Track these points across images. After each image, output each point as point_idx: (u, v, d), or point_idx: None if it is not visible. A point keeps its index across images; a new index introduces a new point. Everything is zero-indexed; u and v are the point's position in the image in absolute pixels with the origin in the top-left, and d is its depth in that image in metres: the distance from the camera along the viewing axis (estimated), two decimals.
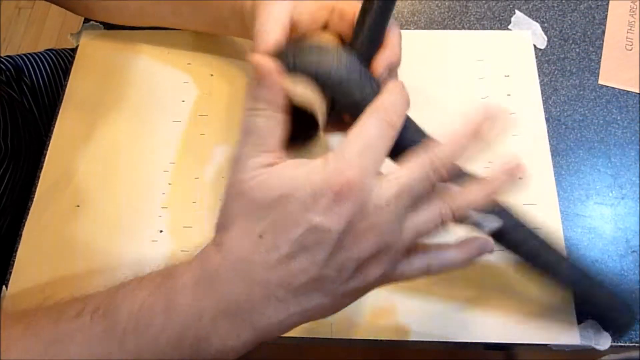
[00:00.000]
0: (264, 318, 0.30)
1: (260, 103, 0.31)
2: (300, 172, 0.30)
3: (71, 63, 0.54)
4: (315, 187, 0.29)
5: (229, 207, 0.31)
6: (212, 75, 0.53)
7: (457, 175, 0.34)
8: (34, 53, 0.69)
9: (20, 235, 0.46)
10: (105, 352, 0.30)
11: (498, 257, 0.44)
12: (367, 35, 0.35)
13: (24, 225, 0.47)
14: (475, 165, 0.48)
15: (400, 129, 0.31)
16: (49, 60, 0.69)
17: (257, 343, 0.31)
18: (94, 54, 0.55)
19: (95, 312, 0.31)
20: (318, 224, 0.29)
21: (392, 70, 0.37)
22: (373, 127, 0.30)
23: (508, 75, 0.53)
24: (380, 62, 0.36)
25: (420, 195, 0.31)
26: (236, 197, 0.31)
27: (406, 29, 0.56)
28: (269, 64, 0.31)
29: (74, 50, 0.55)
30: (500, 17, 0.56)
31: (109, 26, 0.56)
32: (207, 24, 0.50)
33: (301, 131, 0.35)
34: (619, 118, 0.51)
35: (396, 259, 0.32)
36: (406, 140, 0.33)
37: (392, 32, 0.37)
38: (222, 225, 0.32)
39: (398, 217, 0.30)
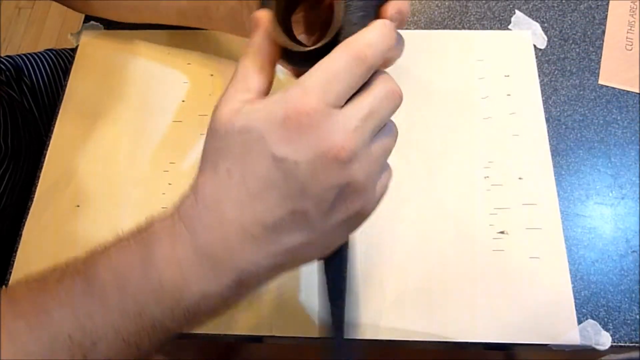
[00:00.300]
0: (244, 259, 0.29)
1: (250, 47, 0.31)
2: (262, 105, 0.29)
3: (71, 63, 0.54)
4: (275, 119, 0.28)
5: (204, 148, 0.31)
6: (212, 75, 0.53)
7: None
8: (34, 53, 0.69)
9: (20, 235, 0.46)
10: (88, 311, 0.29)
11: (498, 258, 0.44)
12: None
13: (24, 225, 0.47)
14: (476, 165, 0.48)
15: (376, 66, 0.30)
16: (49, 60, 0.69)
17: (244, 288, 0.31)
18: (94, 54, 0.55)
19: (76, 274, 0.30)
20: (280, 156, 0.28)
21: (402, 21, 0.35)
22: (340, 59, 0.29)
23: (508, 75, 0.53)
24: (391, 7, 0.34)
25: (385, 118, 0.30)
26: (209, 136, 0.30)
27: (406, 29, 0.56)
28: (264, 14, 0.31)
29: (74, 50, 0.55)
30: (500, 17, 0.56)
31: (109, 26, 0.56)
32: (201, 21, 0.50)
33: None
34: (619, 118, 0.51)
35: (374, 180, 0.31)
36: None
37: None
38: (199, 169, 0.31)
39: (368, 140, 0.29)
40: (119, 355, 0.30)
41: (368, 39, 0.29)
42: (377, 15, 0.32)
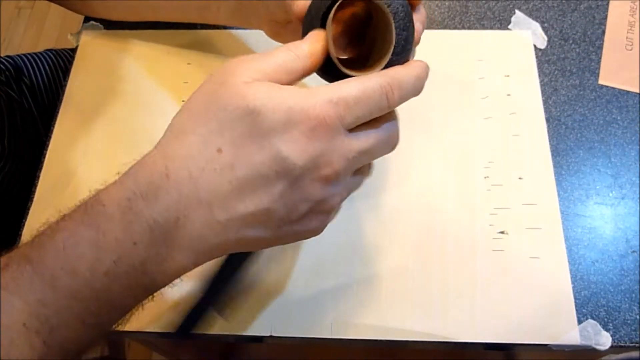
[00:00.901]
0: (202, 241, 0.29)
1: (292, 46, 0.30)
2: (282, 94, 0.27)
3: (71, 63, 0.54)
4: (291, 114, 0.27)
5: (193, 109, 0.29)
6: (212, 75, 0.53)
7: None
8: (34, 53, 0.69)
9: (20, 235, 0.46)
10: (39, 298, 0.28)
11: (498, 258, 0.44)
12: None
13: (24, 225, 0.46)
14: (476, 165, 0.48)
15: (397, 105, 0.30)
16: (49, 60, 0.69)
17: (197, 265, 0.30)
18: (93, 54, 0.55)
19: (22, 259, 0.29)
20: (283, 153, 0.27)
21: (421, 31, 0.36)
22: (373, 88, 0.29)
23: (508, 75, 0.53)
24: (416, 19, 0.35)
25: (377, 157, 0.31)
26: (206, 99, 0.29)
27: None
28: (322, 33, 0.31)
29: (73, 50, 0.55)
30: (500, 17, 0.56)
31: (109, 26, 0.56)
32: (201, 15, 0.50)
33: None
34: (619, 118, 0.51)
35: (338, 207, 0.32)
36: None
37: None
38: (176, 130, 0.29)
39: (352, 171, 0.31)
40: (80, 337, 0.29)
41: (405, 80, 0.30)
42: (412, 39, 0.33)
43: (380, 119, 0.30)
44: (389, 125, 0.31)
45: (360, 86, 0.29)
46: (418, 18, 0.35)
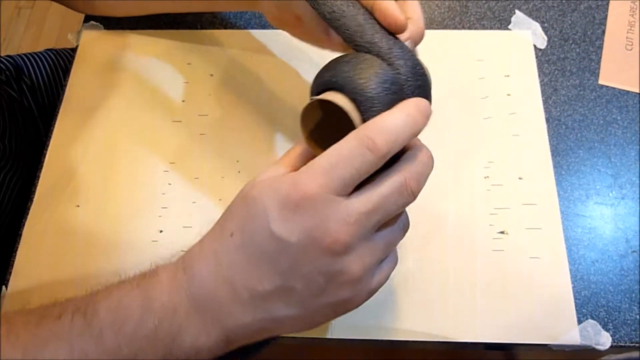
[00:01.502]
0: (232, 318, 0.30)
1: (286, 160, 0.33)
2: (276, 180, 0.30)
3: (71, 63, 0.54)
4: (279, 196, 0.29)
5: (230, 205, 0.33)
6: (212, 75, 0.53)
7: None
8: (34, 53, 0.69)
9: (20, 235, 0.46)
10: (83, 349, 0.30)
11: (498, 258, 0.44)
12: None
13: (24, 225, 0.47)
14: (476, 165, 0.48)
15: (390, 153, 0.29)
16: (49, 60, 0.69)
17: (229, 345, 0.32)
18: (94, 54, 0.55)
19: (76, 312, 0.31)
20: (276, 232, 0.29)
21: (416, 44, 0.36)
22: (347, 145, 0.29)
23: (508, 75, 0.53)
24: (405, 37, 0.34)
25: (392, 213, 0.30)
26: (234, 199, 0.32)
27: None
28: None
29: (73, 50, 0.55)
30: (500, 17, 0.56)
31: (109, 26, 0.56)
32: (205, 4, 0.50)
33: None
34: (619, 118, 0.51)
35: (371, 271, 0.31)
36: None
37: (413, 5, 0.36)
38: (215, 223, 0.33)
39: (368, 233, 0.29)
40: None
41: (381, 126, 0.29)
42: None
43: (380, 172, 0.29)
44: (397, 172, 0.30)
45: (335, 149, 0.29)
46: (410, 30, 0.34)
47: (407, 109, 0.30)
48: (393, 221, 0.31)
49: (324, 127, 0.33)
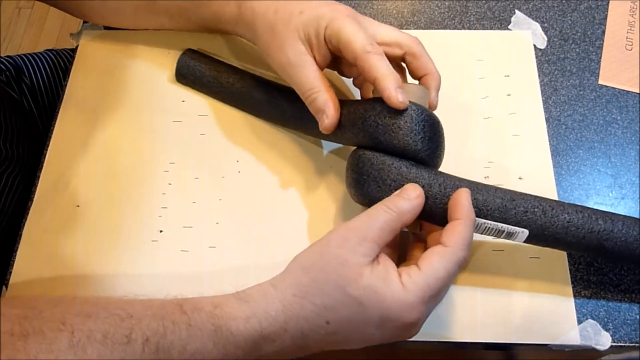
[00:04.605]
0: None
1: (391, 204, 0.36)
2: (385, 290, 0.34)
3: (71, 63, 0.54)
4: (389, 314, 0.34)
5: (316, 277, 0.35)
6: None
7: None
8: (34, 53, 0.69)
9: (20, 235, 0.46)
10: None
11: (498, 258, 0.44)
12: None
13: (24, 225, 0.47)
14: (475, 165, 0.48)
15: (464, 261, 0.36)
16: (49, 60, 0.69)
17: None
18: (94, 54, 0.55)
19: (146, 342, 0.31)
20: (375, 337, 0.35)
21: (437, 91, 0.43)
22: (452, 274, 0.35)
23: (508, 75, 0.53)
24: (433, 93, 0.43)
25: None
26: (328, 272, 0.34)
27: (406, 29, 0.56)
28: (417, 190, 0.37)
29: (73, 50, 0.55)
30: (500, 17, 0.56)
31: (108, 26, 0.56)
32: (202, 26, 0.51)
33: None
34: (619, 118, 0.51)
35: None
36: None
37: (425, 61, 0.42)
38: (298, 290, 0.35)
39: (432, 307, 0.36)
40: None
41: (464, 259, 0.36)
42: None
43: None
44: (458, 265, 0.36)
45: (438, 280, 0.34)
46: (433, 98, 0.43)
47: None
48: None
49: None
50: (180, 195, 0.48)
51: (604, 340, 0.41)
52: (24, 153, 0.60)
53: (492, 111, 0.51)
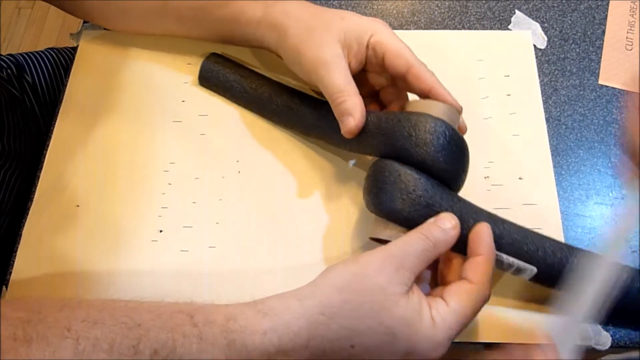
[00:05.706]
0: None
1: (427, 232, 0.36)
2: (416, 325, 0.33)
3: (72, 61, 0.54)
4: (416, 348, 0.33)
5: (349, 300, 0.34)
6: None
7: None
8: (35, 51, 0.69)
9: (20, 235, 0.46)
10: None
11: None
12: None
13: (24, 225, 0.47)
14: (476, 165, 0.48)
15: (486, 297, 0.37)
16: (50, 59, 0.69)
17: None
18: (94, 54, 0.55)
19: (155, 355, 0.31)
20: None
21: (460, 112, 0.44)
22: (477, 312, 0.36)
23: (508, 75, 0.53)
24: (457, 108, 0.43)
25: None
26: (364, 296, 0.34)
27: (406, 29, 0.56)
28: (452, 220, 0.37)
29: (74, 49, 0.55)
30: (500, 17, 0.56)
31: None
32: (212, 32, 0.50)
33: None
34: (619, 118, 0.51)
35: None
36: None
37: (437, 86, 0.42)
38: (326, 308, 0.33)
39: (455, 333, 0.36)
40: None
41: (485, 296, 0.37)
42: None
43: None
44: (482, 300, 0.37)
45: (465, 317, 0.35)
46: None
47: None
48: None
49: None
50: (180, 195, 0.48)
51: (604, 340, 0.41)
52: (23, 150, 0.60)
53: (492, 111, 0.51)
